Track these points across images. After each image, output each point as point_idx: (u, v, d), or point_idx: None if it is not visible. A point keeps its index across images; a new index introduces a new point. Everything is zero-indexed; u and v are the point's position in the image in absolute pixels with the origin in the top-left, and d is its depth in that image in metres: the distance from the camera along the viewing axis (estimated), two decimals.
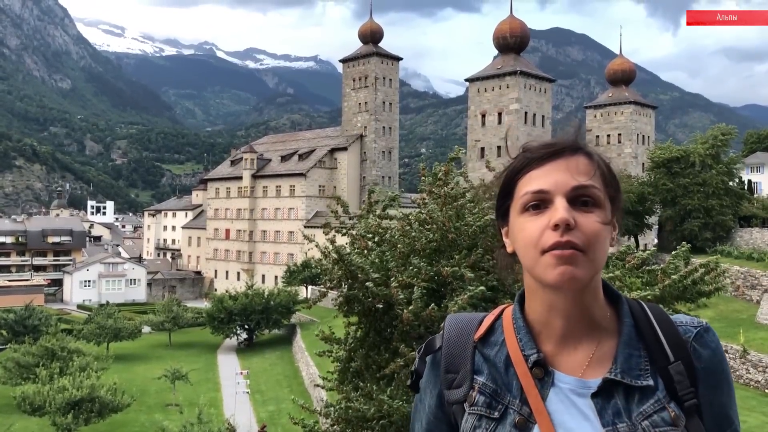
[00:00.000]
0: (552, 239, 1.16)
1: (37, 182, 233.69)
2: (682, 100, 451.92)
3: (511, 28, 71.80)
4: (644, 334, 1.25)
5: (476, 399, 1.26)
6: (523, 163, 1.25)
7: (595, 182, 1.21)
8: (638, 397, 1.19)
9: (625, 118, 77.61)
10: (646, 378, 1.21)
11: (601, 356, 1.24)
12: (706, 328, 1.27)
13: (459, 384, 1.29)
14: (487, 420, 1.25)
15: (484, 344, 1.31)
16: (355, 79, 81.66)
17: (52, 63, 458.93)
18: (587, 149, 1.26)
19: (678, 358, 1.22)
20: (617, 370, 1.21)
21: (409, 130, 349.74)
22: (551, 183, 1.20)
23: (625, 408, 1.19)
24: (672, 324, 1.27)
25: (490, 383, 1.27)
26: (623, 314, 1.27)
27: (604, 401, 1.20)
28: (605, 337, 1.26)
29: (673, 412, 1.18)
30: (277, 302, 50.47)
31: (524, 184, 1.23)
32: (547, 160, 1.23)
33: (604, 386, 1.21)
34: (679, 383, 1.20)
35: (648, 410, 1.18)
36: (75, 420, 27.27)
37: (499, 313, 1.36)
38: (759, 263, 39.45)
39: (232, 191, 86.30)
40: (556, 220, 1.16)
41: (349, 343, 8.08)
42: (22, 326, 49.05)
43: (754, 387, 26.88)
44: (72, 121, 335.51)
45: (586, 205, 1.19)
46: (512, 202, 1.26)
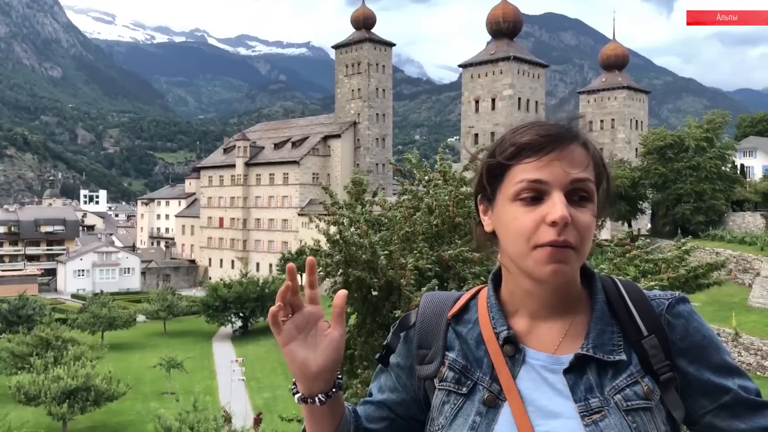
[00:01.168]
0: (548, 237, 1.14)
1: (29, 171, 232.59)
2: (676, 85, 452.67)
3: (504, 13, 71.54)
4: (617, 310, 1.25)
5: (445, 375, 1.26)
6: (521, 146, 1.19)
7: (590, 174, 1.20)
8: (611, 372, 1.19)
9: (619, 103, 77.61)
10: (619, 353, 1.20)
11: (574, 333, 1.23)
12: (678, 299, 1.25)
13: (431, 360, 1.29)
14: (455, 395, 1.24)
15: (457, 322, 1.31)
16: (348, 66, 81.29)
17: (42, 51, 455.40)
18: (584, 138, 1.23)
19: (651, 332, 1.21)
20: (589, 345, 1.20)
21: (403, 117, 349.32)
22: (549, 174, 1.16)
23: (598, 383, 1.18)
24: (645, 298, 1.26)
25: (460, 359, 1.26)
26: (596, 291, 1.27)
27: (577, 377, 1.19)
28: (579, 314, 1.25)
29: (647, 386, 1.18)
30: (271, 290, 50.52)
31: (520, 171, 1.18)
32: (545, 147, 1.18)
33: (577, 362, 1.20)
34: (653, 357, 1.20)
35: (620, 384, 1.18)
36: (70, 409, 27.30)
37: (474, 293, 1.36)
38: (751, 247, 39.67)
39: (225, 179, 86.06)
40: (555, 217, 1.13)
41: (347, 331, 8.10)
42: (16, 316, 48.98)
43: (746, 369, 27.11)
44: (63, 110, 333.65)
45: (580, 200, 1.18)
46: (502, 185, 1.21)
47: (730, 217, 48.45)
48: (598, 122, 78.71)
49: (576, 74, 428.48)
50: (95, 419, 30.35)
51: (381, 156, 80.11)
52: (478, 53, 74.35)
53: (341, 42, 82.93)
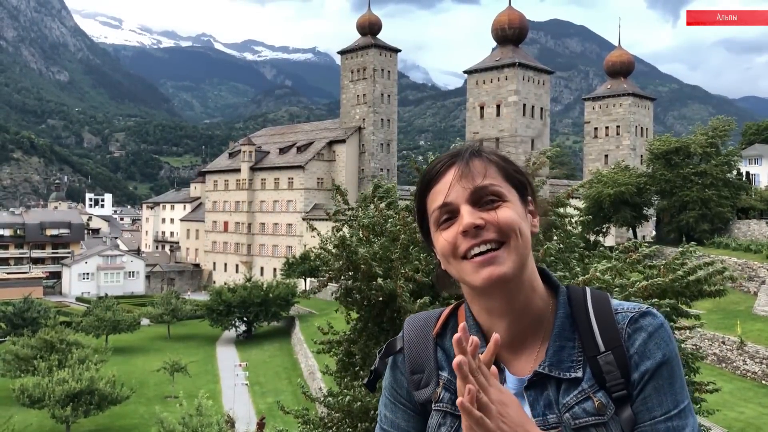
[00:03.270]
0: (466, 245, 1.20)
1: (35, 175, 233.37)
2: (681, 92, 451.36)
3: (509, 19, 71.61)
4: (579, 324, 1.24)
5: (441, 395, 1.27)
6: (425, 183, 1.28)
7: (493, 180, 1.23)
8: (564, 388, 1.20)
9: (624, 110, 77.50)
10: (576, 370, 1.21)
11: (539, 349, 1.25)
12: (643, 313, 1.23)
13: (426, 383, 1.30)
14: (452, 417, 1.24)
15: (442, 339, 1.33)
16: (354, 71, 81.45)
17: (50, 55, 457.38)
18: (479, 150, 1.27)
19: (608, 348, 1.21)
20: (546, 363, 1.22)
21: (408, 123, 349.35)
22: (451, 195, 1.22)
23: (555, 400, 1.20)
24: (609, 312, 1.25)
25: (453, 378, 1.25)
26: (558, 305, 1.27)
27: (537, 393, 1.21)
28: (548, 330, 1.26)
29: (599, 401, 1.18)
30: (275, 294, 50.54)
31: (431, 202, 1.26)
32: (444, 171, 1.25)
33: (537, 379, 1.22)
34: (608, 374, 1.19)
35: (570, 402, 1.18)
36: (74, 412, 27.36)
37: (453, 308, 1.37)
38: (756, 255, 39.52)
39: (230, 184, 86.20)
40: (463, 227, 1.19)
41: (348, 335, 8.10)
42: (20, 319, 49.06)
43: (751, 378, 26.98)
44: (70, 114, 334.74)
45: (491, 203, 1.22)
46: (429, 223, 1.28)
47: (736, 225, 48.29)
48: (603, 129, 78.62)
49: (581, 81, 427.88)
50: (99, 423, 30.38)
51: (386, 161, 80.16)
52: (483, 59, 74.38)
53: (347, 48, 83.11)
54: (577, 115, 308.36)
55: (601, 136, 78.45)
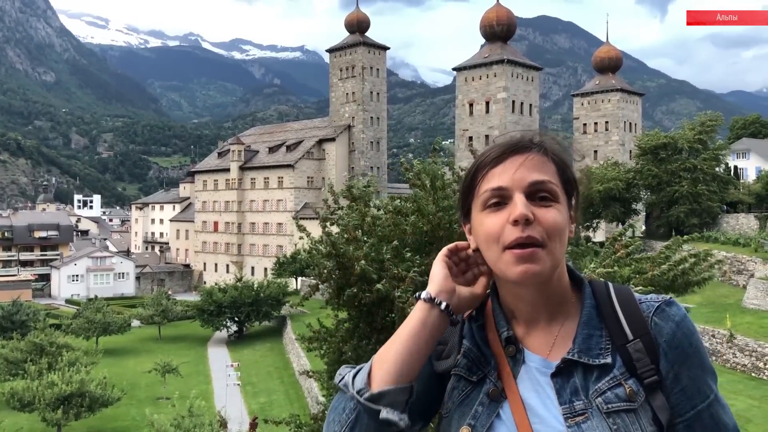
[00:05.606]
0: (513, 235, 1.22)
1: (22, 176, 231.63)
2: (669, 87, 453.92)
3: (497, 16, 71.73)
4: (605, 314, 1.29)
5: (459, 361, 1.33)
6: (483, 162, 1.30)
7: (551, 177, 1.26)
8: (596, 375, 1.24)
9: (612, 106, 77.85)
10: (605, 356, 1.24)
11: (564, 337, 1.29)
12: (668, 302, 1.28)
13: (447, 355, 1.35)
14: (465, 382, 1.32)
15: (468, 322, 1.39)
16: (342, 69, 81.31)
17: (36, 56, 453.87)
18: (544, 146, 1.30)
19: (637, 336, 1.25)
20: (575, 350, 1.26)
21: (398, 120, 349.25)
22: (509, 180, 1.25)
23: (583, 386, 1.23)
24: (634, 302, 1.29)
25: (475, 349, 1.34)
26: (584, 296, 1.32)
27: (563, 380, 1.25)
28: (570, 318, 1.31)
29: (630, 388, 1.21)
30: (266, 294, 50.40)
31: (484, 183, 1.28)
32: (505, 157, 1.27)
33: (564, 366, 1.25)
34: (638, 361, 1.23)
35: (602, 387, 1.22)
36: (65, 415, 27.20)
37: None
38: (745, 248, 39.81)
39: (219, 183, 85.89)
40: (515, 215, 1.21)
41: (340, 336, 8.06)
42: (9, 322, 48.72)
43: (741, 371, 27.16)
44: (57, 115, 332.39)
45: (544, 200, 1.24)
46: (473, 200, 1.31)
47: (724, 219, 48.62)
48: (591, 124, 78.96)
49: (570, 77, 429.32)
50: (90, 425, 30.21)
51: (375, 159, 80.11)
52: (472, 56, 74.49)
53: (335, 46, 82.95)
54: (566, 111, 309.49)
55: (590, 131, 78.78)
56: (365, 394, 1.20)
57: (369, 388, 1.21)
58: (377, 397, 1.19)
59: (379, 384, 1.21)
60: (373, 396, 1.19)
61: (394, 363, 1.22)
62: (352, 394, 1.21)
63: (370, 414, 1.19)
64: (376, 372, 1.22)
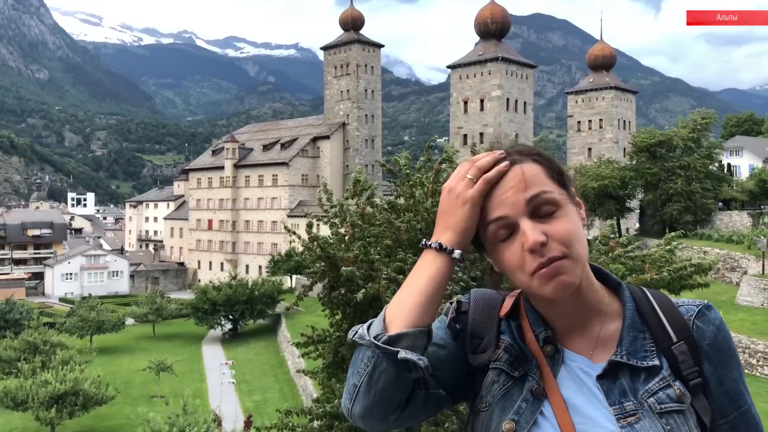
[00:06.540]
0: (534, 263, 1.20)
1: (15, 175, 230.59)
2: (663, 85, 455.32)
3: (492, 14, 71.69)
4: (647, 318, 1.30)
5: (500, 355, 1.32)
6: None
7: (544, 185, 1.24)
8: (644, 377, 1.24)
9: (606, 104, 77.92)
10: (652, 359, 1.25)
11: (606, 339, 1.29)
12: (707, 306, 1.31)
13: (483, 349, 1.34)
14: (506, 377, 1.30)
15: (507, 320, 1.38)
16: (337, 67, 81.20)
17: (29, 53, 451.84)
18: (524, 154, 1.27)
19: (681, 338, 1.26)
20: (623, 352, 1.26)
21: (392, 118, 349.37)
22: (507, 208, 1.22)
23: (631, 387, 1.24)
24: (673, 306, 1.31)
25: (516, 345, 1.33)
26: (625, 299, 1.32)
27: (610, 382, 1.25)
28: (608, 320, 1.31)
29: (678, 389, 1.22)
30: (261, 292, 50.34)
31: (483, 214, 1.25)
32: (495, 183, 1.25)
33: (610, 368, 1.25)
34: (683, 363, 1.25)
35: (654, 388, 1.23)
36: (59, 414, 27.09)
37: (518, 295, 1.41)
38: (738, 246, 39.95)
39: (214, 181, 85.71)
40: (529, 246, 1.19)
41: (334, 338, 8.03)
42: (3, 320, 48.56)
43: None
44: (50, 113, 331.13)
45: (547, 212, 1.22)
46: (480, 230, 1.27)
47: (718, 216, 48.79)
48: (586, 122, 79.01)
49: (564, 75, 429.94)
50: (84, 424, 30.12)
51: (370, 157, 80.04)
52: (466, 54, 74.46)
53: (330, 43, 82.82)
54: (560, 109, 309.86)
55: (584, 129, 78.85)
56: (383, 338, 1.18)
57: (386, 332, 1.19)
58: (395, 339, 1.17)
59: (397, 327, 1.20)
60: (392, 338, 1.17)
61: (410, 308, 1.21)
62: (370, 340, 1.19)
63: (389, 357, 1.17)
64: (393, 317, 1.21)
